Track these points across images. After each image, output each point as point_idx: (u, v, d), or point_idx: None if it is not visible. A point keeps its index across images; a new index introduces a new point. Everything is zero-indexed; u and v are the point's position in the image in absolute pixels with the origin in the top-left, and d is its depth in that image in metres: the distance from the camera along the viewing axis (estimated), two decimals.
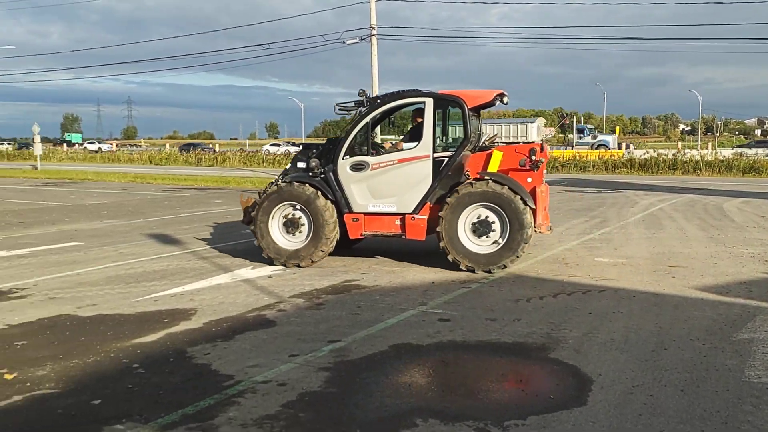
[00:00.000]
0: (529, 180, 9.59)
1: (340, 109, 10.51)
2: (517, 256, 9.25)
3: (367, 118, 9.83)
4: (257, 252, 10.16)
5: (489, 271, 9.22)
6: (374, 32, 30.21)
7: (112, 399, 4.89)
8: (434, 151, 9.63)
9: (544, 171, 10.06)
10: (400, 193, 9.74)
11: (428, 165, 9.62)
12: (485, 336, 6.35)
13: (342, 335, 6.42)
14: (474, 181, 9.30)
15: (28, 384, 5.21)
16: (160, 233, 13.68)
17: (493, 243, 9.28)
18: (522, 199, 9.12)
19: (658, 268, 9.52)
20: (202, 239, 12.79)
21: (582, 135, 64.95)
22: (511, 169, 9.62)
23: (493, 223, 9.26)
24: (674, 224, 14.46)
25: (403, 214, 9.76)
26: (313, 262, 9.97)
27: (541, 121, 67.79)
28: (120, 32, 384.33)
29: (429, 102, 9.67)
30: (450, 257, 9.36)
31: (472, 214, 9.34)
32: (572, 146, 58.42)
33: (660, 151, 43.12)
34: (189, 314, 7.26)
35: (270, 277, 9.25)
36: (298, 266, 9.90)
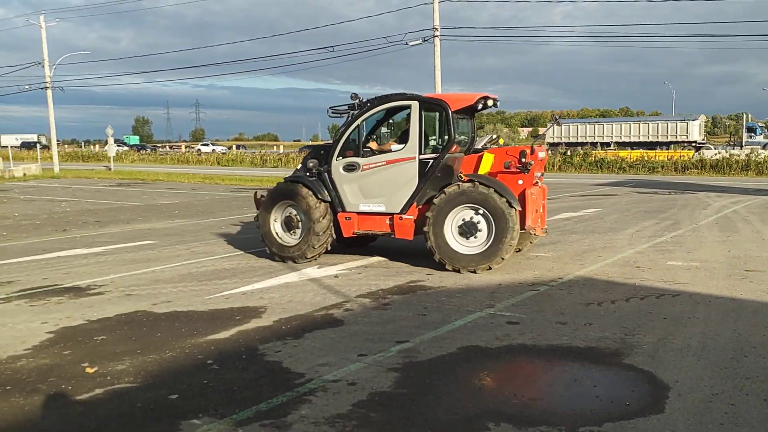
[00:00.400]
0: (520, 182, 9.60)
1: (333, 113, 10.90)
2: (502, 258, 9.28)
3: (358, 121, 10.18)
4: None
5: (474, 272, 9.32)
6: (437, 33, 30.14)
7: (189, 394, 5.02)
8: (421, 153, 9.83)
9: (539, 173, 10.08)
10: (389, 194, 10.02)
11: (414, 166, 9.86)
12: (556, 340, 6.25)
13: (409, 336, 6.42)
14: (461, 183, 9.42)
15: (109, 378, 5.40)
16: (229, 232, 13.99)
17: (479, 244, 9.37)
18: (507, 201, 9.15)
19: (734, 273, 9.19)
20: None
21: (753, 134, 60.84)
22: (501, 172, 9.69)
23: (478, 224, 9.37)
24: (750, 227, 13.93)
25: (392, 214, 10.05)
26: (307, 258, 10.37)
27: (702, 118, 61.87)
28: (188, 37, 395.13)
29: (415, 105, 9.89)
30: (436, 257, 9.52)
31: (458, 215, 9.46)
32: (741, 146, 53.27)
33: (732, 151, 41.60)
34: (259, 312, 7.40)
35: (336, 276, 9.33)
36: (294, 262, 10.38)
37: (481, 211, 9.32)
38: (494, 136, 12.10)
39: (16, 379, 5.40)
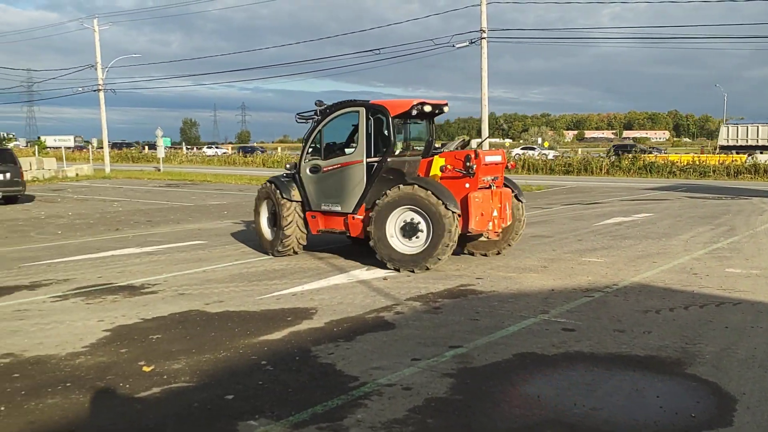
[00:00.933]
0: (467, 185, 9.87)
1: (300, 119, 11.52)
2: (440, 259, 9.58)
3: (320, 126, 10.86)
4: (369, 254, 10.24)
5: (412, 271, 9.67)
6: (485, 35, 29.91)
7: (244, 394, 5.03)
8: (369, 156, 10.31)
9: (492, 177, 10.22)
10: (343, 195, 10.58)
11: (362, 169, 10.34)
12: (615, 348, 6.09)
13: (463, 341, 6.34)
14: (402, 186, 9.74)
15: (165, 377, 5.45)
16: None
17: (419, 245, 9.74)
18: (444, 204, 9.38)
19: None
20: (317, 239, 13.04)
21: None
22: (452, 177, 9.98)
23: (419, 225, 9.71)
24: None
25: (346, 214, 10.58)
26: (279, 253, 11.09)
27: None
28: (235, 40, 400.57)
29: (362, 111, 10.43)
30: (378, 256, 9.93)
31: (401, 216, 9.84)
32: None
33: None
34: (310, 313, 7.40)
35: (384, 278, 9.29)
36: (273, 255, 11.18)
37: (421, 213, 9.65)
38: (466, 139, 12.89)
39: (75, 376, 5.49)
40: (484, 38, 29.54)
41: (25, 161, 31.60)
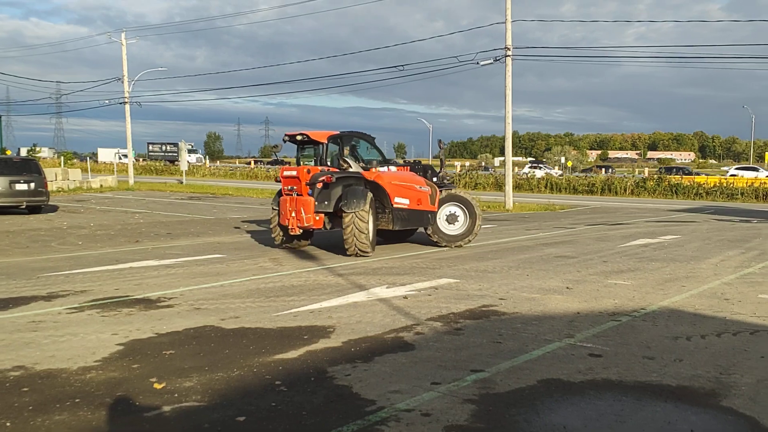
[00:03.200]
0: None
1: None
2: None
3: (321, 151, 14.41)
4: (390, 271, 10.05)
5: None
6: (509, 52, 29.74)
7: (257, 416, 4.83)
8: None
9: (291, 186, 13.35)
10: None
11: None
12: (644, 376, 5.81)
13: (485, 365, 6.09)
14: None
15: (176, 395, 5.27)
16: (297, 249, 13.92)
17: None
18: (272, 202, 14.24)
19: None
20: (336, 256, 12.88)
21: None
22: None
23: None
24: None
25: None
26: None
27: None
28: (260, 56, 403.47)
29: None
30: None
31: None
32: None
33: None
34: (328, 332, 7.20)
35: (405, 297, 9.07)
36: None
37: None
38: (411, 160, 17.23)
39: (85, 392, 5.33)
40: (508, 56, 29.37)
41: (50, 172, 31.93)
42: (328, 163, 14.14)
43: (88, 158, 60.82)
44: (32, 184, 21.66)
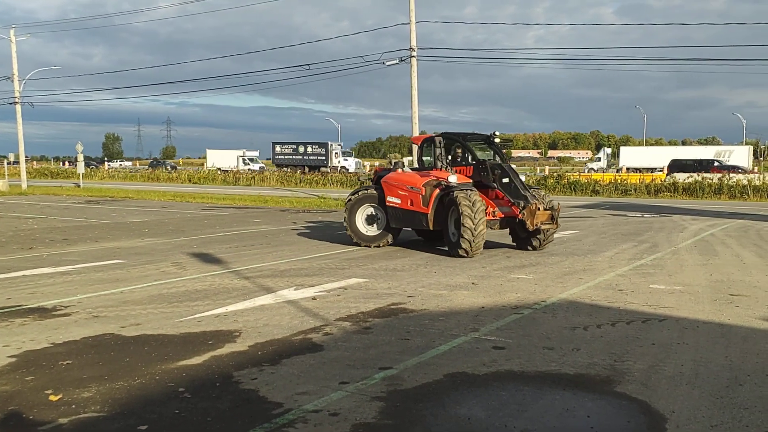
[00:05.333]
0: None
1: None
2: None
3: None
4: (299, 272, 9.99)
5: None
6: (414, 53, 30.12)
7: (159, 425, 4.69)
8: None
9: None
10: None
11: None
12: (544, 366, 6.02)
13: (393, 362, 6.15)
14: None
15: (74, 406, 5.04)
16: (201, 252, 13.60)
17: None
18: None
19: (718, 297, 9.08)
20: (243, 258, 12.66)
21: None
22: None
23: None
24: (729, 250, 13.92)
25: None
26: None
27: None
28: (160, 54, 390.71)
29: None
30: None
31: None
32: None
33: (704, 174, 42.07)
34: (233, 336, 7.07)
35: (314, 298, 9.03)
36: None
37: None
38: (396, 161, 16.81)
39: None
40: (413, 56, 29.73)
41: None
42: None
43: None
44: None
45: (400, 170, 14.56)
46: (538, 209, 13.11)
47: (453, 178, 13.50)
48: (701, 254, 13.30)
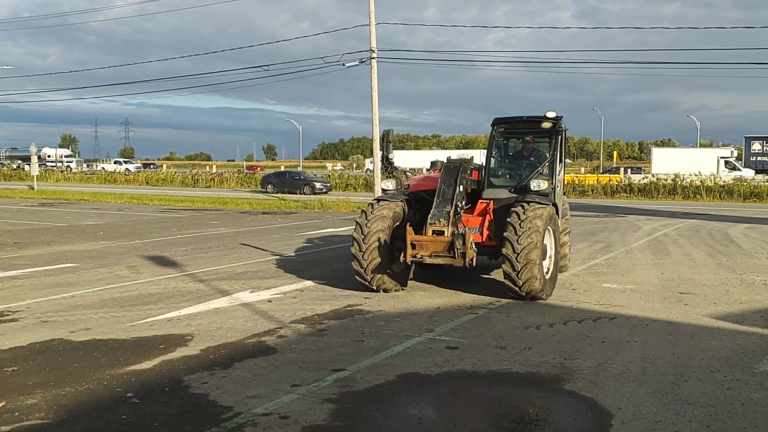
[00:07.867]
0: None
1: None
2: None
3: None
4: (256, 275, 9.91)
5: None
6: (374, 55, 30.17)
7: (106, 431, 4.61)
8: None
9: None
10: None
11: None
12: (496, 365, 6.08)
13: (346, 363, 6.14)
14: None
15: (17, 414, 4.92)
16: (157, 255, 13.39)
17: None
18: None
19: (668, 295, 9.27)
20: (199, 261, 12.52)
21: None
22: None
23: None
24: (680, 250, 14.23)
25: None
26: None
27: None
28: (119, 54, 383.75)
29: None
30: None
31: None
32: None
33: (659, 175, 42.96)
34: (186, 340, 6.98)
35: (269, 301, 8.97)
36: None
37: None
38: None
39: None
40: (373, 58, 29.76)
41: None
42: None
43: None
44: None
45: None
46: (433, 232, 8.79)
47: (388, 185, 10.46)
48: (653, 253, 13.58)
